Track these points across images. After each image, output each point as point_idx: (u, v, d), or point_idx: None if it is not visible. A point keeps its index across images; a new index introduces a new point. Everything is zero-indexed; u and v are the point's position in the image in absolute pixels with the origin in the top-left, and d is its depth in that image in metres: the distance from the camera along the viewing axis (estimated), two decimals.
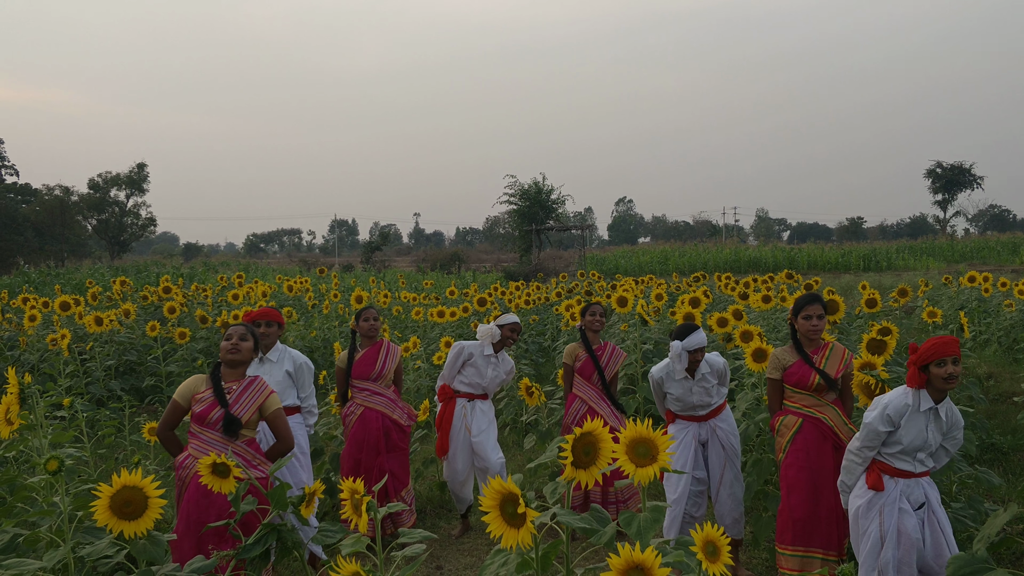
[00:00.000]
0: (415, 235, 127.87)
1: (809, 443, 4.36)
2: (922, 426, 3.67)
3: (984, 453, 7.01)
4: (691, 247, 51.19)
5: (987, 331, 12.31)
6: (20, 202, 51.50)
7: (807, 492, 4.33)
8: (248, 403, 4.06)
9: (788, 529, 4.38)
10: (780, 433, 4.53)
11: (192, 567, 2.79)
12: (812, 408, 4.42)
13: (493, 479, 2.16)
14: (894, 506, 3.70)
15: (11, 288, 21.82)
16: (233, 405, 4.01)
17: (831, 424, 4.37)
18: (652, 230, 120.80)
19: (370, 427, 5.57)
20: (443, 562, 5.42)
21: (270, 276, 30.94)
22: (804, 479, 4.34)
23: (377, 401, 5.63)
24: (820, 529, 4.30)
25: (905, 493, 3.71)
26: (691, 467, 4.94)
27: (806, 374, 4.43)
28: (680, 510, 4.89)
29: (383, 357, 5.67)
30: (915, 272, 31.98)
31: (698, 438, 5.01)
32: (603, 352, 5.84)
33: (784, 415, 4.55)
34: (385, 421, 5.61)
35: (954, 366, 3.56)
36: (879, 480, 3.75)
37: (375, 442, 5.55)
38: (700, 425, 5.02)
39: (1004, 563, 4.80)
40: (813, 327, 4.45)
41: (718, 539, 2.09)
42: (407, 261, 59.05)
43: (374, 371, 5.62)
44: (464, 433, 5.85)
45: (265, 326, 5.08)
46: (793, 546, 4.35)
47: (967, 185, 64.41)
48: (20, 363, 10.33)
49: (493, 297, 14.85)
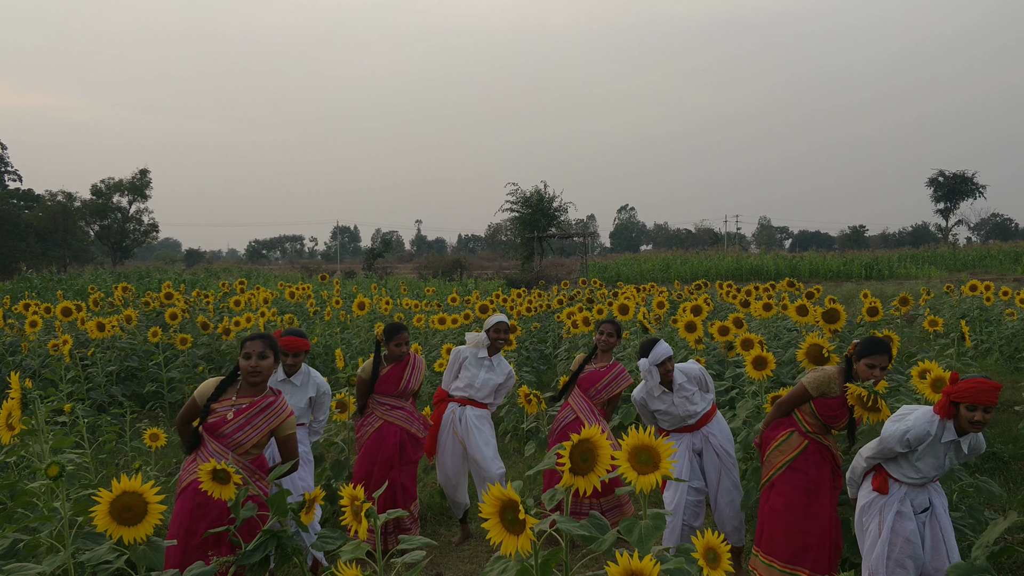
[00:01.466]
0: (417, 242, 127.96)
1: (810, 465, 4.32)
2: (940, 455, 3.63)
3: (984, 462, 6.99)
4: (693, 255, 51.21)
5: (988, 340, 12.31)
6: (23, 208, 51.61)
7: (805, 512, 4.29)
8: (261, 425, 3.90)
9: (779, 542, 4.31)
10: (780, 449, 4.43)
11: (192, 572, 2.79)
12: (822, 436, 4.38)
13: (493, 486, 2.16)
14: (894, 508, 3.71)
15: (13, 293, 21.85)
16: (244, 426, 3.87)
17: (833, 451, 4.38)
18: (654, 238, 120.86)
19: (387, 441, 5.49)
20: (443, 569, 5.41)
21: (272, 282, 30.99)
22: (803, 500, 4.30)
23: (397, 415, 5.54)
24: (811, 552, 4.24)
25: (909, 496, 3.71)
26: (687, 477, 4.91)
27: (843, 415, 4.27)
28: (678, 520, 4.87)
29: (408, 375, 5.57)
30: (917, 281, 31.96)
31: (692, 448, 5.00)
32: (606, 372, 5.71)
33: (790, 432, 4.41)
34: (403, 435, 5.53)
35: (985, 414, 3.46)
36: (884, 484, 3.76)
37: (390, 456, 5.47)
38: (693, 435, 5.00)
39: (1004, 572, 4.80)
40: (875, 378, 4.14)
41: (719, 546, 2.10)
42: (409, 268, 59.06)
43: (399, 388, 5.55)
44: (452, 436, 5.80)
45: (293, 356, 4.94)
46: (782, 562, 4.28)
47: (969, 194, 64.49)
48: (22, 368, 10.33)
49: (495, 304, 14.85)
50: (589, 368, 5.77)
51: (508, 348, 9.32)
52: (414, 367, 5.63)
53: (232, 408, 3.91)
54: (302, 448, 5.11)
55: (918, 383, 4.32)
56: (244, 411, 3.89)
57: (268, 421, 3.91)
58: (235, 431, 3.87)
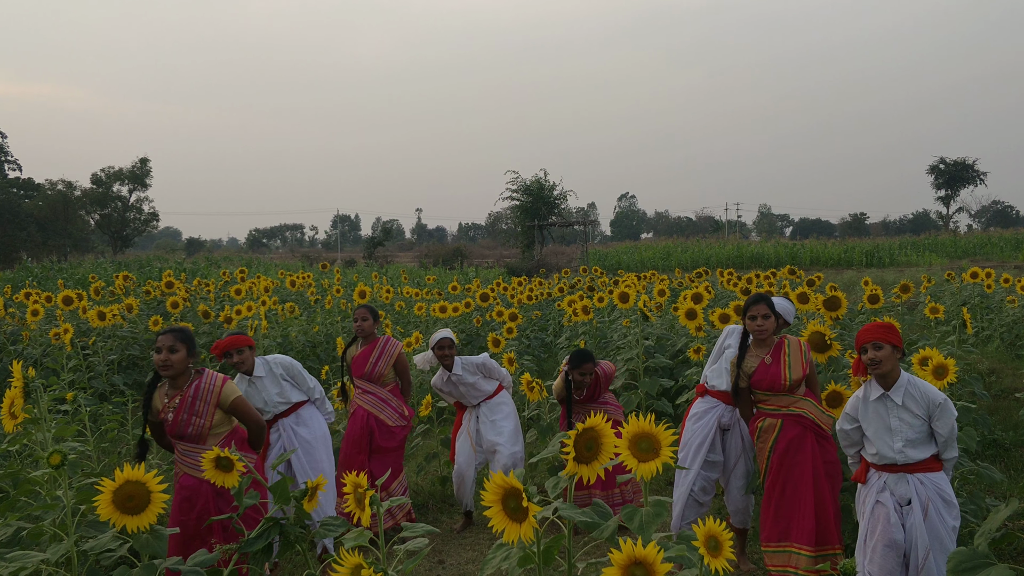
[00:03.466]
0: (417, 231, 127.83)
1: (791, 441, 4.36)
2: (882, 413, 3.69)
3: (986, 449, 7.01)
4: (694, 243, 51.15)
5: (989, 327, 12.30)
6: (23, 197, 51.55)
7: (787, 490, 4.36)
8: (203, 410, 3.97)
9: (766, 527, 4.42)
10: (761, 438, 4.50)
11: (195, 560, 2.80)
12: (790, 406, 4.41)
13: (496, 472, 2.16)
14: (872, 496, 3.74)
15: (14, 283, 21.84)
16: (190, 417, 3.96)
17: (811, 416, 4.38)
18: (655, 226, 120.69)
19: (356, 424, 5.60)
20: (445, 556, 5.43)
21: (272, 271, 30.99)
22: (783, 478, 4.37)
23: (367, 400, 5.63)
24: (796, 523, 4.30)
25: (890, 486, 3.70)
26: (707, 448, 4.92)
27: (776, 376, 4.38)
28: (685, 491, 4.89)
29: (375, 357, 5.64)
30: (918, 268, 31.91)
31: (720, 420, 4.98)
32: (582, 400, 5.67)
33: (763, 419, 4.51)
34: (370, 420, 5.58)
35: (875, 351, 3.61)
36: (862, 474, 3.84)
37: (358, 439, 5.57)
38: (726, 408, 4.98)
39: (1005, 558, 4.81)
40: (759, 327, 4.43)
41: (720, 533, 2.10)
42: (409, 257, 59.05)
43: (365, 370, 5.62)
44: (464, 436, 5.91)
45: (237, 354, 4.87)
46: (776, 542, 4.37)
47: (970, 181, 64.36)
48: (23, 358, 10.33)
49: (495, 293, 14.85)
50: None
51: (509, 336, 9.36)
52: (382, 351, 5.67)
53: (170, 411, 3.98)
54: (317, 428, 5.12)
55: (919, 370, 4.32)
56: (180, 406, 3.97)
57: (207, 401, 3.98)
58: (185, 426, 3.96)
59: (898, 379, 3.69)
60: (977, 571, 2.60)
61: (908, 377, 3.73)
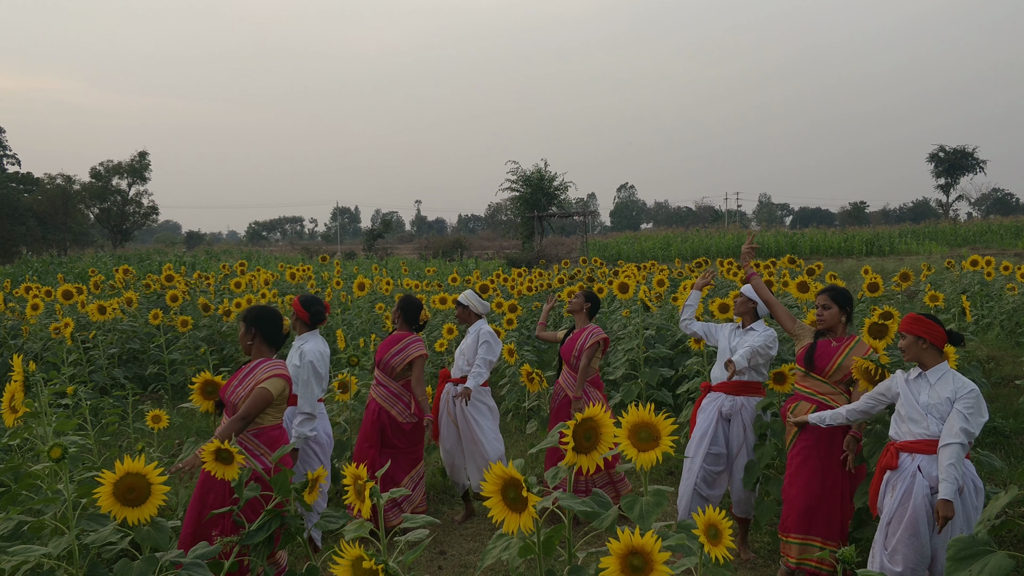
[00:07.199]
0: (417, 222, 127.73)
1: (820, 430, 4.37)
2: (915, 391, 3.83)
3: (986, 436, 7.02)
4: (693, 233, 51.09)
5: (989, 315, 12.29)
6: (22, 191, 51.44)
7: (809, 482, 4.36)
8: (248, 386, 4.03)
9: (788, 517, 4.43)
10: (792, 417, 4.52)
11: (196, 552, 2.81)
12: (826, 396, 4.43)
13: (494, 465, 2.16)
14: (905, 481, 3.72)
15: (14, 277, 21.82)
16: (236, 388, 4.05)
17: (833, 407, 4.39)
18: (654, 216, 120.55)
19: (368, 418, 5.55)
20: (446, 547, 5.45)
21: (272, 264, 30.95)
22: (808, 469, 4.38)
23: (378, 392, 5.57)
24: (820, 518, 4.33)
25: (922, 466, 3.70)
26: (710, 439, 4.97)
27: (831, 354, 4.47)
28: (690, 484, 4.92)
29: (395, 350, 5.54)
30: (918, 256, 31.90)
31: (721, 410, 5.01)
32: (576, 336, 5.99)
33: (796, 401, 4.58)
34: (381, 415, 5.50)
35: (900, 340, 3.93)
36: (893, 458, 3.80)
37: (369, 432, 5.50)
38: (727, 397, 5.02)
39: (1005, 545, 4.83)
40: (818, 316, 4.60)
41: (720, 522, 2.10)
42: (409, 248, 58.97)
43: (382, 358, 5.57)
44: (446, 418, 5.93)
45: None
46: (795, 533, 4.39)
47: (970, 169, 64.23)
48: (23, 352, 10.34)
49: (495, 284, 14.84)
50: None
51: (509, 328, 9.36)
52: (403, 347, 5.55)
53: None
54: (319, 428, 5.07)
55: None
56: (237, 373, 4.18)
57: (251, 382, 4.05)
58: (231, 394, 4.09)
59: (937, 366, 3.83)
60: (977, 558, 2.61)
61: (949, 368, 3.85)
